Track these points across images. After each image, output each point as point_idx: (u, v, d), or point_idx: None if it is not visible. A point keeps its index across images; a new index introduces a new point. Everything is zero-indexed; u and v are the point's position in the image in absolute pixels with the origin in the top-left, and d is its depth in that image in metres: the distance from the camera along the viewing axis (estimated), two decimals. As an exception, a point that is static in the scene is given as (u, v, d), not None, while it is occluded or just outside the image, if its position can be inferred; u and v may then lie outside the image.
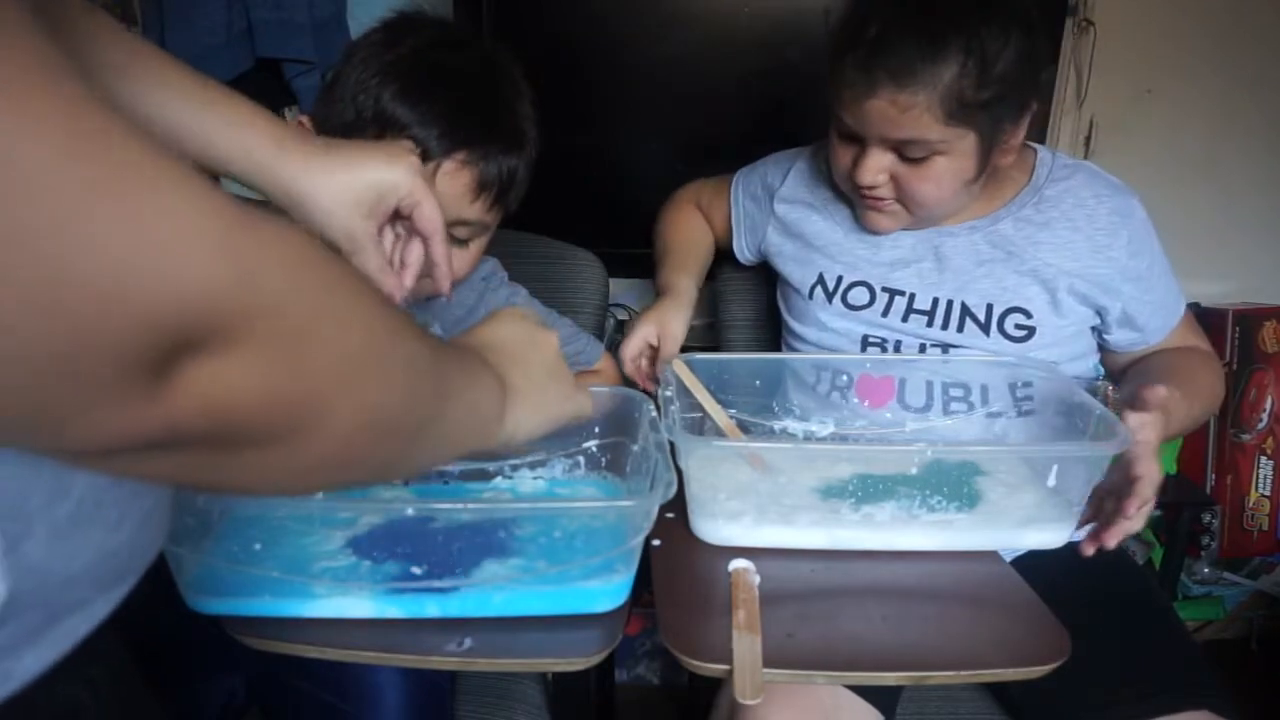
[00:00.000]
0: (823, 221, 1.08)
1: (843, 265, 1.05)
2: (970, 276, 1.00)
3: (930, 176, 0.93)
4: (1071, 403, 0.85)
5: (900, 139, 0.91)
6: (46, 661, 0.41)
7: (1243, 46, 1.61)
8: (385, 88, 0.81)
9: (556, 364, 0.62)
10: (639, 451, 0.81)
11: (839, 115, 0.94)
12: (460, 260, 0.90)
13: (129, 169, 0.25)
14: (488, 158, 0.84)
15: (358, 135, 0.82)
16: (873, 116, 0.90)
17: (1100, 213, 0.98)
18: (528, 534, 0.74)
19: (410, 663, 0.67)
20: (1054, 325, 0.98)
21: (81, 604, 0.42)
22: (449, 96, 0.82)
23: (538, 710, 0.95)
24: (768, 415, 0.95)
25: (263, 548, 0.69)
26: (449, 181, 0.83)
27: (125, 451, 0.29)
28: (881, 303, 1.02)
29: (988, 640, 0.70)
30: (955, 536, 0.79)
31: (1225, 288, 1.70)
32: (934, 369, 0.97)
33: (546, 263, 1.22)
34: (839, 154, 0.98)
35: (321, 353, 0.32)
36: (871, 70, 0.87)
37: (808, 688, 0.80)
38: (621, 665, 1.66)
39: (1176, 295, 1.04)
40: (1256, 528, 1.64)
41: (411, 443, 0.42)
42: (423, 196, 0.68)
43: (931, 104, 0.87)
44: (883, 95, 0.88)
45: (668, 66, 1.48)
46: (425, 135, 0.81)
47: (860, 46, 0.88)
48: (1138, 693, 0.83)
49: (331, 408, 0.34)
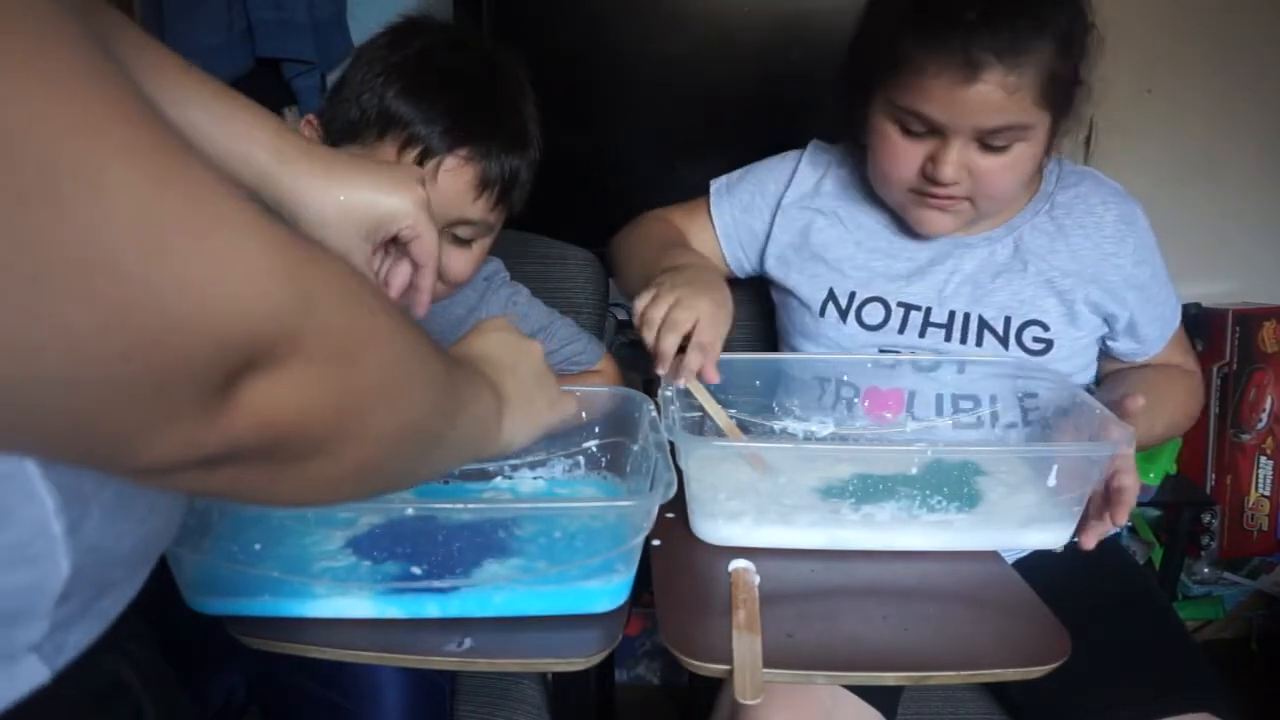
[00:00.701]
0: (831, 230, 1.03)
1: (855, 280, 1.01)
2: (987, 289, 0.98)
3: (1010, 165, 0.89)
4: (1074, 405, 0.85)
5: (996, 126, 0.86)
6: (92, 636, 0.44)
7: (1243, 46, 1.61)
8: (389, 87, 0.82)
9: (543, 371, 0.65)
10: (639, 451, 0.81)
11: (914, 110, 0.87)
12: (463, 261, 0.90)
13: (206, 202, 0.27)
14: (490, 156, 0.84)
15: (362, 134, 0.83)
16: (972, 105, 0.84)
17: (1108, 219, 0.97)
18: (528, 534, 0.73)
19: (410, 663, 0.68)
20: (1070, 337, 0.96)
21: (116, 583, 0.45)
22: (452, 94, 0.83)
23: (538, 710, 0.95)
24: (768, 415, 0.95)
25: (263, 548, 0.69)
26: (451, 179, 0.83)
27: (183, 469, 0.31)
28: (897, 318, 0.99)
29: (988, 640, 0.70)
30: (955, 537, 0.79)
31: (1225, 288, 1.70)
32: (945, 381, 0.95)
33: (546, 263, 1.22)
34: (900, 153, 0.91)
35: (364, 369, 0.35)
36: (975, 54, 0.82)
37: (807, 688, 0.80)
38: (621, 665, 1.66)
39: (1174, 306, 1.04)
40: (1256, 528, 1.64)
41: (429, 452, 0.46)
42: (424, 229, 0.70)
43: (1034, 83, 0.83)
44: (989, 79, 0.83)
45: (668, 66, 1.48)
46: (428, 132, 0.81)
47: (957, 30, 0.82)
48: (1138, 694, 0.83)
49: (370, 420, 0.37)
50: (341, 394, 0.34)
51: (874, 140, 0.94)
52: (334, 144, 0.85)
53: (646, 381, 1.18)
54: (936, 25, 0.83)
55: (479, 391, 0.53)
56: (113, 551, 0.43)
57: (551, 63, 1.45)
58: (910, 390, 0.95)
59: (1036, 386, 0.93)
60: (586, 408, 0.88)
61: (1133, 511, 0.79)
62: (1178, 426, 1.03)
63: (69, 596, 0.41)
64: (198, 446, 0.30)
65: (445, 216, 0.85)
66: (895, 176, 0.94)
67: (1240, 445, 1.63)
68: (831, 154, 1.08)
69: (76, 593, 0.41)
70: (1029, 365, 0.94)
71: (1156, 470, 1.47)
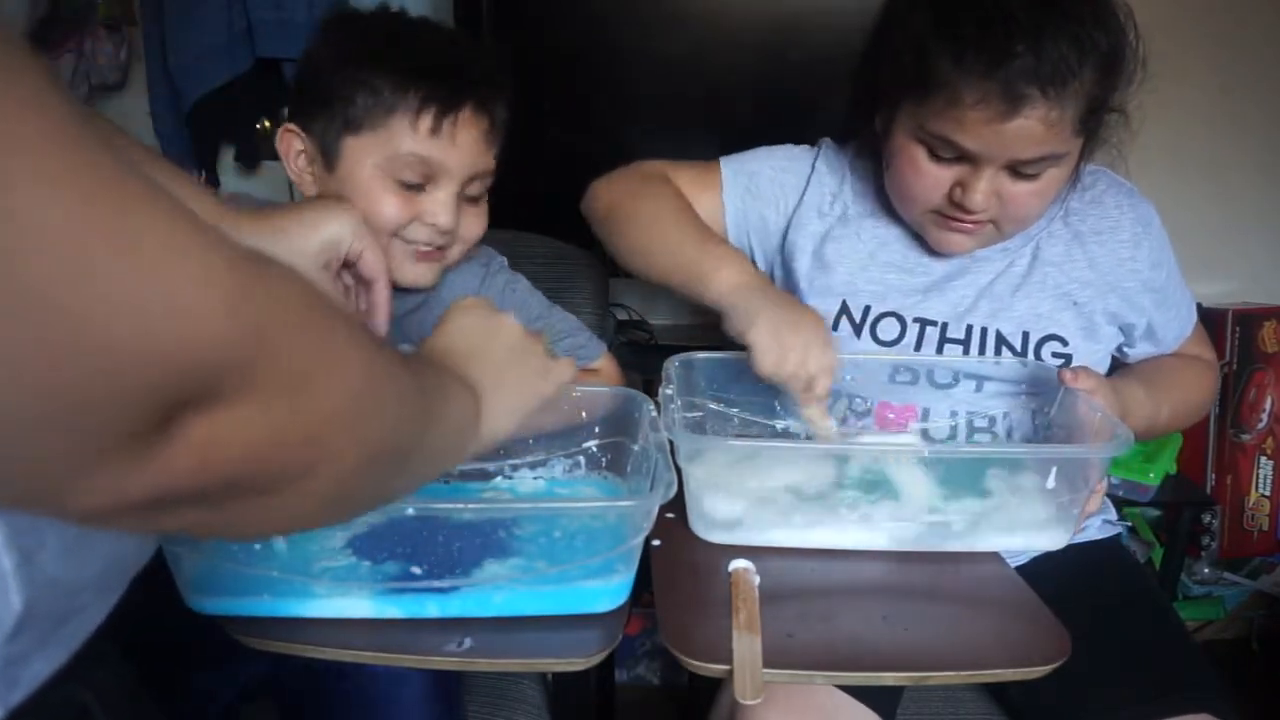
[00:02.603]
0: (846, 242, 0.98)
1: (869, 294, 0.96)
2: (1004, 303, 0.95)
3: (1040, 191, 0.86)
4: (1077, 411, 0.85)
5: (1033, 157, 0.82)
6: (54, 665, 0.41)
7: (1243, 46, 1.61)
8: (375, 73, 0.83)
9: (521, 345, 0.63)
10: (639, 451, 0.81)
11: (946, 138, 0.83)
12: (477, 217, 0.93)
13: (143, 224, 0.25)
14: (489, 104, 0.88)
15: (367, 123, 0.84)
16: (1011, 138, 0.80)
17: (1124, 223, 0.96)
18: (528, 534, 0.73)
19: (410, 663, 0.67)
20: (1088, 350, 0.95)
21: (81, 609, 0.43)
22: (436, 58, 0.86)
23: (538, 710, 0.95)
24: (769, 415, 0.95)
25: (262, 548, 0.69)
26: (467, 133, 0.86)
27: (121, 513, 0.28)
28: (913, 334, 0.95)
29: (988, 640, 0.70)
30: (956, 537, 0.79)
31: (1225, 288, 1.70)
32: (960, 399, 0.94)
33: (546, 263, 1.22)
34: (926, 177, 0.87)
35: (323, 396, 0.33)
36: (1020, 87, 0.77)
37: (807, 689, 0.80)
38: (621, 665, 1.66)
39: (1190, 306, 1.03)
40: (1256, 528, 1.64)
41: (402, 469, 0.43)
42: (366, 244, 0.73)
43: (1075, 114, 0.80)
44: (1032, 115, 0.78)
45: (668, 66, 1.48)
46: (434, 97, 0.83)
47: (1003, 62, 0.77)
48: (1138, 694, 0.83)
49: (333, 449, 0.34)
50: (298, 425, 0.31)
51: (897, 160, 0.89)
52: (330, 148, 0.86)
53: (646, 381, 1.18)
54: (977, 53, 0.78)
55: (450, 394, 0.51)
56: (75, 580, 0.40)
57: (551, 63, 1.45)
58: (924, 407, 0.94)
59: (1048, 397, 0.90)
60: (586, 408, 0.88)
61: (1133, 511, 0.79)
62: (1188, 413, 1.01)
63: (22, 631, 0.38)
64: (131, 491, 0.27)
65: (463, 174, 0.87)
66: (920, 199, 0.90)
67: (1240, 445, 1.63)
68: (844, 158, 1.03)
69: (32, 627, 0.39)
70: (1045, 370, 0.92)
71: (1156, 470, 1.47)
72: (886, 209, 0.99)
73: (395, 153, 0.84)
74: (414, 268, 0.91)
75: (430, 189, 0.87)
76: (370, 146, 0.84)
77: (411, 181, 0.86)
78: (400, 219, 0.87)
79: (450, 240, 0.91)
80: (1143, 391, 0.92)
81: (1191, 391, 1.01)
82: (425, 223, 0.88)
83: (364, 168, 0.85)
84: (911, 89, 0.84)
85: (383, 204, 0.85)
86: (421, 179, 0.86)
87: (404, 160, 0.84)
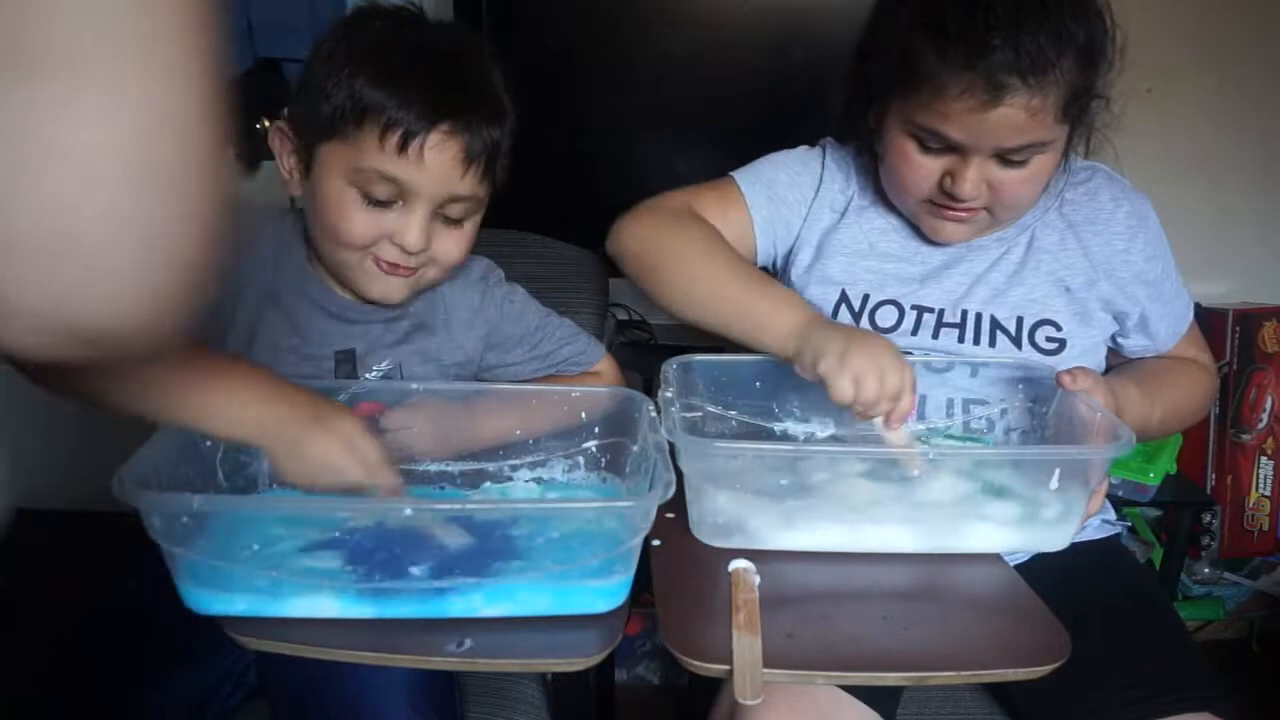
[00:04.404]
0: (847, 231, 1.01)
1: (868, 282, 0.99)
2: (999, 289, 0.97)
3: (1029, 178, 0.88)
4: (1078, 411, 0.85)
5: (1018, 145, 0.85)
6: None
7: (1242, 46, 1.61)
8: (357, 76, 0.81)
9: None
10: (638, 452, 0.81)
11: (933, 130, 0.86)
12: (456, 240, 0.90)
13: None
14: (471, 128, 0.84)
15: (340, 128, 0.82)
16: (995, 127, 0.83)
17: (1119, 216, 0.97)
18: (527, 534, 0.73)
19: (410, 663, 0.67)
20: (1083, 336, 0.96)
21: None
22: (423, 72, 0.83)
23: (538, 710, 0.95)
24: (768, 417, 0.95)
25: (260, 548, 0.69)
26: (437, 156, 0.83)
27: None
28: (910, 320, 0.97)
29: (988, 640, 0.70)
30: (956, 538, 0.79)
31: (1225, 288, 1.70)
32: (957, 385, 0.94)
33: (546, 263, 1.22)
34: (917, 168, 0.90)
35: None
36: (1000, 77, 0.80)
37: (807, 690, 0.80)
38: (621, 665, 1.66)
39: (1186, 303, 1.03)
40: (1257, 528, 1.64)
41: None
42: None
43: (1057, 101, 0.82)
44: (1014, 103, 0.81)
45: (668, 66, 1.48)
46: (405, 114, 0.81)
47: (983, 54, 0.80)
48: (1138, 694, 0.83)
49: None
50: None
51: (889, 153, 0.93)
52: (311, 144, 0.85)
53: (646, 382, 1.18)
54: (958, 46, 0.81)
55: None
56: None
57: (551, 62, 1.45)
58: (920, 394, 0.93)
59: (1045, 391, 0.91)
60: (586, 408, 0.88)
61: (1133, 511, 0.79)
62: (1181, 415, 1.02)
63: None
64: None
65: (436, 196, 0.84)
66: (912, 190, 0.93)
67: (1241, 445, 1.63)
68: (848, 154, 1.05)
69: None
70: (1040, 368, 0.93)
71: (1156, 470, 1.47)
72: (885, 200, 1.01)
73: (361, 166, 0.82)
74: (383, 281, 0.88)
75: (401, 208, 0.85)
76: (341, 154, 0.83)
77: (380, 198, 0.83)
78: (367, 236, 0.85)
79: (423, 261, 0.88)
80: (1136, 391, 0.93)
81: (1186, 393, 1.02)
82: (394, 242, 0.85)
83: (334, 177, 0.83)
84: (899, 84, 0.87)
85: (350, 220, 0.84)
86: (391, 197, 0.84)
87: (369, 175, 0.82)
